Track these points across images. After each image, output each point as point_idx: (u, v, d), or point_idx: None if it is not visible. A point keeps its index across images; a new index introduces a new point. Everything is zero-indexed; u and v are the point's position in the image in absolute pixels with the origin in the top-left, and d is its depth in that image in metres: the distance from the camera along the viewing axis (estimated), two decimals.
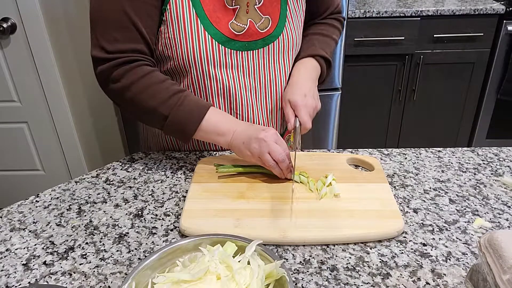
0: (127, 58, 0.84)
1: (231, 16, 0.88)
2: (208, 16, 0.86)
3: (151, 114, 0.86)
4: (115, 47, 0.83)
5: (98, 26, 0.84)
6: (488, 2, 2.17)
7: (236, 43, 0.89)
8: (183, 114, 0.84)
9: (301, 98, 0.91)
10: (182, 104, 0.84)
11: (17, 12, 1.81)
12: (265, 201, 0.80)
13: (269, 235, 0.71)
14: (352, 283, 0.64)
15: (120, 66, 0.84)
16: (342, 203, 0.79)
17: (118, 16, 0.82)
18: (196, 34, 0.86)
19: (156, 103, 0.84)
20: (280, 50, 0.96)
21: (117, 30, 0.83)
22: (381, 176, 0.87)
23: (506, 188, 0.87)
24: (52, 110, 2.03)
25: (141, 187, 0.89)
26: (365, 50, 2.16)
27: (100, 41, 0.84)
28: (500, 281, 0.50)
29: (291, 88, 0.94)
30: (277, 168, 0.83)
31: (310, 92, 0.94)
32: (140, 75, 0.84)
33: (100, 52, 0.84)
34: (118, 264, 0.69)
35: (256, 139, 0.82)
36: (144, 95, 0.85)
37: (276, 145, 0.82)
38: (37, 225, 0.78)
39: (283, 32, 0.94)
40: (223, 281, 0.54)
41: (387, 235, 0.72)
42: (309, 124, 0.89)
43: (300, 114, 0.89)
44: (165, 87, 0.85)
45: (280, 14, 0.93)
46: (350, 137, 2.41)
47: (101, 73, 0.86)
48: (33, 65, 1.92)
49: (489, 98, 2.31)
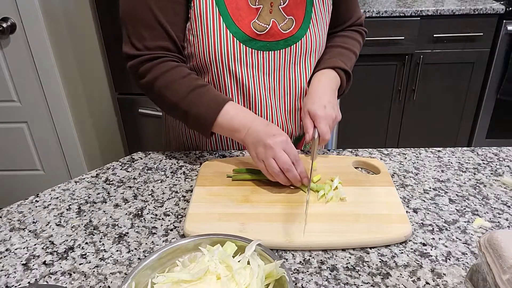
0: (153, 55, 0.88)
1: (254, 15, 0.88)
2: (231, 14, 0.86)
3: (174, 109, 0.90)
4: (142, 44, 0.88)
5: (127, 23, 0.89)
6: (487, 2, 2.17)
7: (258, 43, 0.89)
8: (201, 109, 0.86)
9: (320, 109, 0.88)
10: (201, 99, 0.86)
11: (17, 12, 1.81)
12: (270, 205, 0.80)
13: (274, 240, 0.71)
14: (352, 283, 0.64)
15: (146, 63, 0.88)
16: (348, 207, 0.79)
17: (144, 14, 0.86)
18: (218, 31, 0.87)
19: (176, 98, 0.88)
20: (302, 52, 0.94)
21: (144, 28, 0.87)
22: (388, 180, 0.86)
23: (506, 188, 0.87)
24: (52, 110, 2.03)
25: (141, 187, 0.89)
26: (365, 50, 2.14)
27: (130, 38, 0.89)
28: (500, 281, 0.50)
29: (311, 98, 0.92)
30: (281, 175, 0.81)
31: (330, 103, 0.91)
32: (163, 71, 0.88)
33: (131, 48, 0.89)
34: (117, 264, 0.69)
35: (264, 144, 0.81)
36: (166, 90, 0.88)
37: (282, 152, 0.80)
38: (36, 225, 0.78)
39: (306, 34, 0.93)
40: (223, 281, 0.54)
41: (394, 240, 0.71)
42: (328, 136, 0.87)
43: (320, 125, 0.87)
44: (186, 82, 0.88)
45: (305, 16, 0.92)
46: (350, 137, 2.41)
47: (130, 68, 0.91)
48: (33, 65, 1.92)
49: (489, 98, 2.31)
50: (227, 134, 0.90)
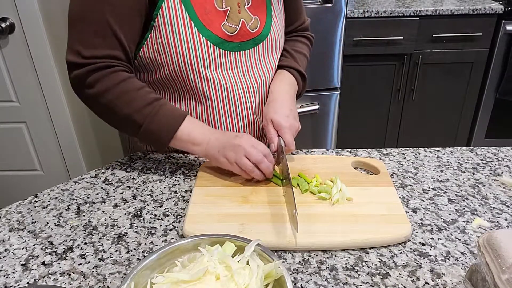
0: (103, 63, 0.83)
1: (222, 18, 0.89)
2: (201, 19, 0.86)
3: (125, 122, 0.86)
4: (91, 52, 0.82)
5: (76, 30, 0.83)
6: (486, 2, 2.17)
7: (230, 44, 0.90)
8: (157, 124, 0.84)
9: (284, 119, 0.91)
10: (157, 113, 0.84)
11: (16, 12, 1.81)
12: (270, 206, 0.79)
13: (274, 240, 0.71)
14: (351, 283, 0.64)
15: (96, 72, 0.83)
16: (348, 207, 0.78)
17: (98, 23, 0.81)
18: (190, 36, 0.86)
19: (131, 111, 0.84)
20: (269, 50, 0.98)
21: (96, 36, 0.82)
22: (387, 180, 0.86)
23: (505, 187, 0.87)
24: (51, 110, 2.03)
25: (140, 187, 0.88)
26: (364, 50, 2.16)
27: (76, 46, 0.83)
28: (499, 281, 0.50)
29: (273, 106, 0.94)
30: (256, 171, 0.83)
31: (292, 112, 0.94)
32: (116, 82, 0.84)
33: (76, 57, 0.83)
34: (117, 264, 0.69)
35: (231, 146, 0.83)
36: (119, 102, 0.84)
37: (252, 147, 0.82)
38: (35, 225, 0.78)
39: (270, 32, 0.96)
40: (222, 281, 0.54)
41: (394, 241, 0.71)
42: (294, 146, 0.90)
43: (285, 136, 0.90)
44: (141, 95, 0.85)
45: (267, 15, 0.95)
46: (349, 136, 2.41)
47: (76, 78, 0.85)
48: (32, 65, 1.91)
49: (488, 98, 2.31)
50: (186, 148, 0.88)
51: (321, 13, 1.89)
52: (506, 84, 2.22)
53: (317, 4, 1.92)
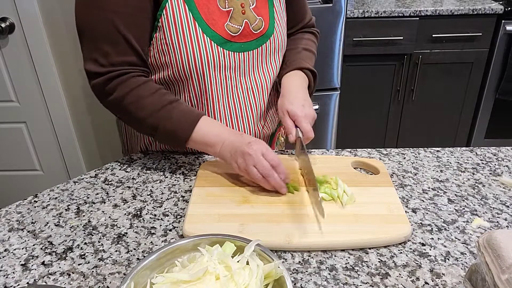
0: (119, 71, 0.85)
1: (225, 18, 0.89)
2: (205, 19, 0.86)
3: (143, 125, 0.88)
4: (107, 60, 0.84)
5: (87, 39, 0.85)
6: (486, 2, 2.17)
7: (233, 45, 0.90)
8: (172, 126, 0.85)
9: (300, 109, 0.91)
10: (172, 116, 0.85)
11: (16, 12, 1.80)
12: (269, 206, 0.79)
13: (274, 240, 0.71)
14: (351, 283, 0.64)
15: (112, 80, 0.85)
16: (348, 207, 0.79)
17: (107, 30, 0.82)
18: (194, 36, 0.86)
19: (146, 115, 0.86)
20: (272, 50, 0.98)
21: (107, 44, 0.83)
22: (387, 180, 0.87)
23: (504, 187, 0.87)
24: (51, 110, 2.03)
25: (140, 187, 0.88)
26: (364, 50, 2.16)
27: (92, 54, 0.85)
28: (499, 281, 0.50)
29: (287, 98, 0.94)
30: (264, 181, 0.81)
31: (307, 101, 0.94)
32: (132, 87, 0.85)
33: (94, 65, 0.85)
34: (116, 264, 0.69)
35: (241, 153, 0.82)
36: (135, 107, 0.86)
37: (261, 158, 0.80)
38: (35, 225, 0.78)
39: (273, 33, 0.96)
40: (222, 281, 0.54)
41: (394, 241, 0.71)
42: (312, 134, 0.90)
43: (302, 124, 0.89)
44: (156, 98, 0.86)
45: (269, 16, 0.95)
46: (349, 136, 2.41)
47: (95, 87, 0.87)
48: (32, 65, 1.91)
49: (487, 98, 2.31)
50: (201, 149, 0.89)
51: (321, 13, 1.89)
52: (506, 84, 2.22)
53: (317, 4, 1.92)
